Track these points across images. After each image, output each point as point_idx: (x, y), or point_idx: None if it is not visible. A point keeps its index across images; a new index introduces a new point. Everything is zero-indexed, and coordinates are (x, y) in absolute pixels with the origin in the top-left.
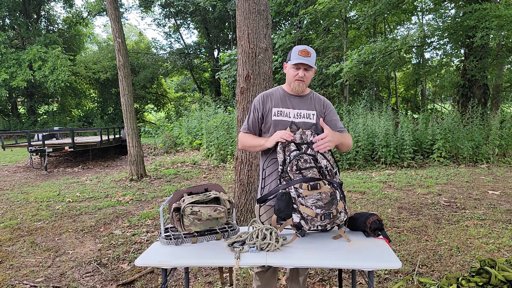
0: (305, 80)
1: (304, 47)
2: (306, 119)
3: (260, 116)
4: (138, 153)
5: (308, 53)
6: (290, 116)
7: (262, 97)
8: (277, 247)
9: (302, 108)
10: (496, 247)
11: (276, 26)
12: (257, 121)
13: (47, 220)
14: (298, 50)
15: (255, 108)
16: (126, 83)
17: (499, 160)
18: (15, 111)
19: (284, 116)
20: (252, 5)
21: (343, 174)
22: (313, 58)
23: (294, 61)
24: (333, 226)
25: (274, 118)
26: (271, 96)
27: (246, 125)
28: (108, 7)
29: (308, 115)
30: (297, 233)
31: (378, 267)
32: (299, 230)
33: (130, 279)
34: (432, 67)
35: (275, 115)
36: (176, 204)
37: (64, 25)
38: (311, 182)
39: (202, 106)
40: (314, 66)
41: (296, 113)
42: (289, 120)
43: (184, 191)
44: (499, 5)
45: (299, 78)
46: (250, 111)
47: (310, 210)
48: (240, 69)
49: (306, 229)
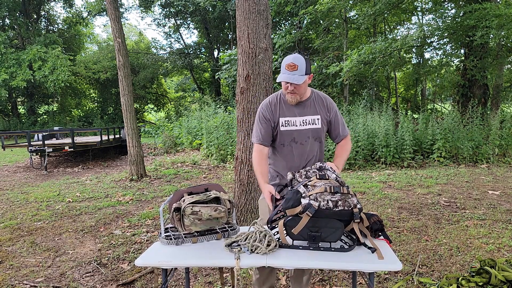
0: (297, 92)
1: (291, 60)
2: (312, 125)
3: (273, 126)
4: (138, 153)
5: (294, 67)
6: (297, 125)
7: (269, 107)
8: (265, 251)
9: (307, 114)
10: (496, 247)
11: (276, 26)
12: (272, 131)
13: (47, 220)
14: (285, 64)
15: (265, 118)
16: (126, 83)
17: (499, 160)
18: (15, 111)
19: (292, 126)
20: (252, 5)
21: (343, 174)
22: (300, 69)
23: (280, 77)
24: (347, 208)
25: (282, 128)
26: (275, 106)
27: (259, 136)
28: (108, 7)
29: (313, 121)
30: (307, 211)
31: (378, 268)
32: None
33: (130, 279)
34: (432, 67)
35: (283, 125)
36: (176, 204)
37: (64, 25)
38: (320, 172)
39: (202, 106)
40: (300, 81)
41: (302, 120)
42: (296, 130)
43: (184, 191)
44: (499, 5)
45: (290, 92)
46: (259, 121)
47: (319, 188)
48: (240, 69)
49: (315, 206)
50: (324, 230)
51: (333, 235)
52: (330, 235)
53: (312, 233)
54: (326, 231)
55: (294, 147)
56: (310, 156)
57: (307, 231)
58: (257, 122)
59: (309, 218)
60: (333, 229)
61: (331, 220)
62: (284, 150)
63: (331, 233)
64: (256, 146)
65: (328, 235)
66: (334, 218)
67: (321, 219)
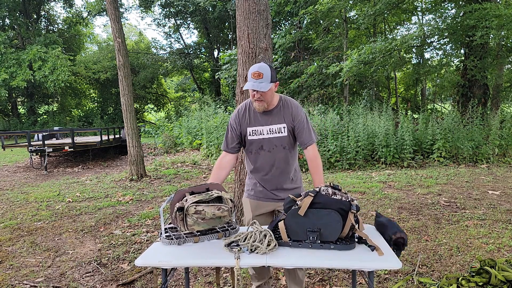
0: (264, 99)
1: (257, 68)
2: (278, 134)
3: (239, 134)
4: (138, 153)
5: (259, 75)
6: (264, 134)
7: (237, 116)
8: (265, 251)
9: (273, 123)
10: (496, 247)
11: (276, 26)
12: (234, 139)
13: (47, 220)
14: (251, 73)
15: (232, 127)
16: (126, 83)
17: (499, 160)
18: (15, 111)
19: (259, 135)
20: (252, 5)
21: (343, 174)
22: (266, 77)
23: (246, 85)
24: (344, 199)
25: (250, 138)
26: (244, 115)
27: (224, 143)
28: (108, 7)
29: (280, 130)
30: (309, 192)
31: (378, 267)
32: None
33: (130, 279)
34: (432, 67)
35: (250, 134)
36: (179, 203)
37: (64, 25)
38: None
39: (202, 106)
40: (265, 89)
41: (269, 129)
42: (263, 138)
43: (186, 190)
44: (499, 5)
45: (256, 99)
46: (228, 128)
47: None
48: (240, 69)
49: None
50: (324, 226)
51: (332, 232)
52: (329, 233)
53: (312, 232)
54: (326, 228)
55: (262, 154)
56: (279, 163)
57: (307, 229)
58: (227, 129)
59: (312, 198)
60: (333, 223)
61: (331, 213)
62: (252, 157)
63: (331, 230)
64: (222, 154)
65: (328, 232)
66: (333, 209)
67: (321, 210)
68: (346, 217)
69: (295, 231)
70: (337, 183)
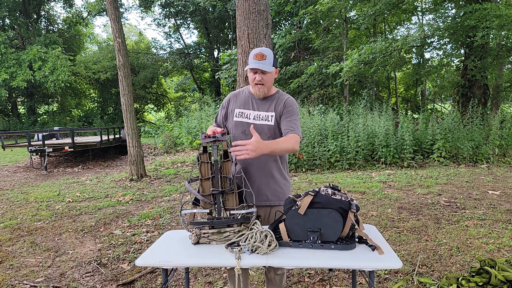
0: (264, 84)
1: (260, 50)
2: (265, 121)
3: (224, 114)
4: (138, 153)
5: (263, 56)
6: (250, 118)
7: (229, 97)
8: (265, 251)
9: (262, 110)
10: (496, 247)
11: (276, 26)
12: (222, 118)
13: (47, 220)
14: (253, 54)
15: (222, 106)
16: (126, 83)
17: (499, 160)
18: (15, 111)
19: (244, 118)
20: (252, 5)
21: (343, 174)
22: (269, 60)
23: (249, 65)
24: (344, 198)
25: (235, 119)
26: (237, 96)
27: (215, 119)
28: (108, 7)
29: (266, 117)
30: (309, 192)
31: (378, 267)
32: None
33: (130, 279)
34: (432, 67)
35: (236, 116)
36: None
37: (64, 25)
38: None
39: (202, 106)
40: (269, 69)
41: (256, 114)
42: (247, 122)
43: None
44: (499, 5)
45: (257, 82)
46: (221, 106)
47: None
48: (240, 69)
49: (317, 188)
50: (324, 226)
51: (333, 232)
52: (330, 233)
53: (313, 232)
54: (326, 228)
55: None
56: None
57: (307, 230)
58: (220, 107)
59: (311, 197)
60: (333, 223)
61: (331, 213)
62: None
63: (331, 230)
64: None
65: (328, 232)
66: (333, 208)
67: (321, 210)
68: (346, 217)
69: (295, 231)
70: (336, 184)
